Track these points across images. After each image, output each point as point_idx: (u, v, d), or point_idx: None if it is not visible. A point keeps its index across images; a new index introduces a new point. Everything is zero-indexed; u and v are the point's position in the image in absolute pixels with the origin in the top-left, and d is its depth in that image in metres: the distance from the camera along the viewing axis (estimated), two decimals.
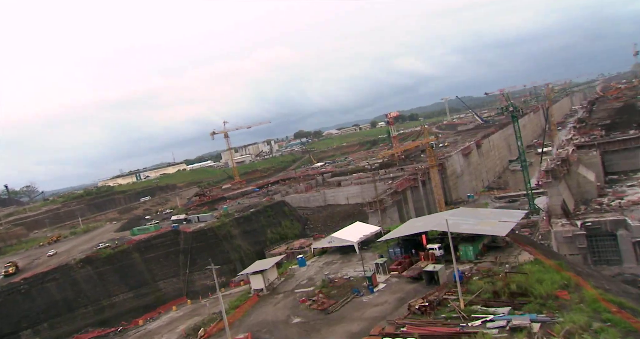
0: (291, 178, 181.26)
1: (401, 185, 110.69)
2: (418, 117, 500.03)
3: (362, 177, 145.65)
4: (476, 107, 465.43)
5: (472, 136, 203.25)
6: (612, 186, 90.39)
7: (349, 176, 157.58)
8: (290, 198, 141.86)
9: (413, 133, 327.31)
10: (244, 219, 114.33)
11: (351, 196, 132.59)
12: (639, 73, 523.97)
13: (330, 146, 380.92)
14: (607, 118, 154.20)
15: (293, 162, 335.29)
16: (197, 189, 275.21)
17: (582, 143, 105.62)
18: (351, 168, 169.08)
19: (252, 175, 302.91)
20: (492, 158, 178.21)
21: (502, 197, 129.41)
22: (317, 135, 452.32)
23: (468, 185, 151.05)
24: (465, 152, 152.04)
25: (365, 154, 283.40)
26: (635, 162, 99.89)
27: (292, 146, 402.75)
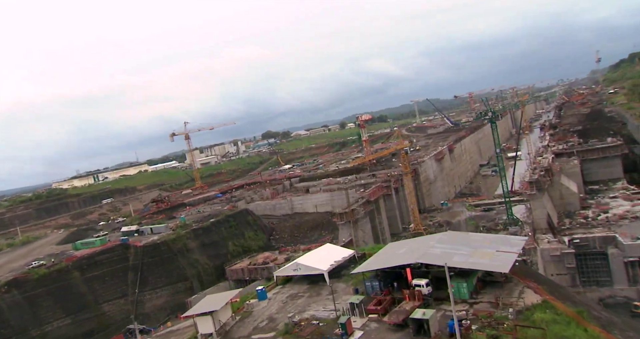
0: (257, 182, 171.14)
1: (374, 194, 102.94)
2: (387, 118, 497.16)
3: (332, 183, 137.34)
4: (444, 110, 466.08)
5: (443, 140, 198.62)
6: (594, 198, 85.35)
7: (318, 181, 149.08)
8: (255, 205, 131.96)
9: (382, 135, 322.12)
10: (202, 230, 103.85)
11: (320, 204, 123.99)
12: (597, 79, 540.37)
13: (299, 147, 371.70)
14: (578, 124, 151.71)
15: (260, 164, 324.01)
16: (158, 192, 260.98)
17: (560, 150, 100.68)
18: (320, 173, 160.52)
19: (217, 177, 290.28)
20: (464, 163, 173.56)
21: (477, 205, 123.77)
22: (286, 135, 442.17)
23: (441, 191, 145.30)
24: (438, 157, 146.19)
25: (335, 156, 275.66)
26: (613, 171, 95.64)
27: (259, 147, 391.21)
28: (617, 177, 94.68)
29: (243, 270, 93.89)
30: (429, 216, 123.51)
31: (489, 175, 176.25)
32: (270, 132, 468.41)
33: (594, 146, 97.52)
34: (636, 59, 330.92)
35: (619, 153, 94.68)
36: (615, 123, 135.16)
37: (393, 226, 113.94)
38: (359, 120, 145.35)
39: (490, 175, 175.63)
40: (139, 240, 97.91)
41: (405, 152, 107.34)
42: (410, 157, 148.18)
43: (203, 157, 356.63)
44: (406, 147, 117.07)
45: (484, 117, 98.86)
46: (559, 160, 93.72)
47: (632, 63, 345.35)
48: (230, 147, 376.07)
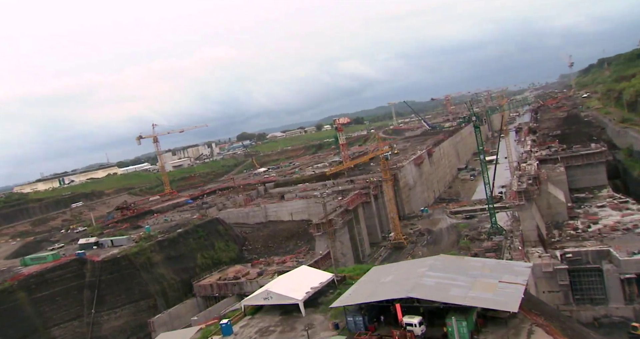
0: (230, 187, 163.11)
1: (352, 202, 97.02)
2: (363, 120, 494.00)
3: (308, 189, 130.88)
4: (420, 112, 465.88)
5: (421, 143, 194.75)
6: (581, 207, 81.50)
7: (294, 187, 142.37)
8: (227, 213, 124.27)
9: (359, 137, 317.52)
10: (168, 242, 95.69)
11: (296, 211, 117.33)
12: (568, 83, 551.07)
13: (275, 149, 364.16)
14: (556, 128, 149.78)
15: (235, 166, 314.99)
16: (127, 197, 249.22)
17: (544, 157, 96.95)
18: (296, 178, 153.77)
19: (190, 181, 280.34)
20: (442, 167, 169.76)
21: (458, 212, 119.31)
22: (261, 137, 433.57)
23: (420, 197, 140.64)
24: (418, 162, 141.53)
25: (311, 159, 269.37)
26: (597, 178, 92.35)
27: (234, 149, 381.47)
28: (602, 184, 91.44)
29: (212, 285, 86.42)
30: (409, 223, 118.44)
31: (468, 179, 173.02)
32: (246, 133, 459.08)
33: (578, 152, 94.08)
34: (605, 64, 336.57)
35: (603, 160, 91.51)
36: (594, 128, 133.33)
37: (372, 235, 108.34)
38: (337, 124, 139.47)
39: (469, 179, 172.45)
40: (98, 253, 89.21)
41: (385, 158, 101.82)
42: (389, 162, 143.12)
43: (176, 159, 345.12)
44: (386, 152, 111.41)
45: (468, 122, 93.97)
46: (544, 167, 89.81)
47: (601, 69, 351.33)
48: (204, 149, 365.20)
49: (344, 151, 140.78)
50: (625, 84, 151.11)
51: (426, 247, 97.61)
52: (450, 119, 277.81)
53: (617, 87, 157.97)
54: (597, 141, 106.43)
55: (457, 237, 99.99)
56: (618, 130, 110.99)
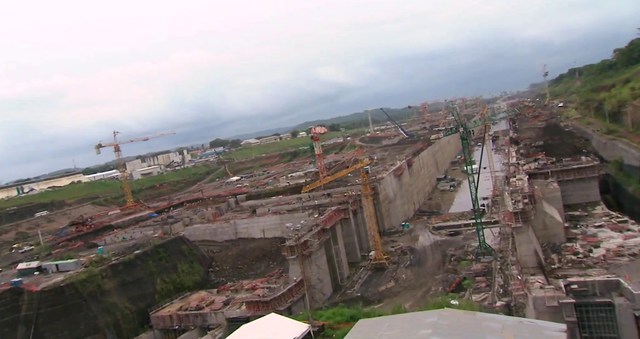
0: (198, 199, 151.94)
1: (330, 220, 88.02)
2: (339, 127, 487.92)
3: (282, 203, 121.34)
4: (396, 119, 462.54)
5: (400, 152, 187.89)
6: (577, 226, 74.68)
7: (267, 200, 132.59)
8: (193, 229, 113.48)
9: (335, 145, 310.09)
10: (124, 266, 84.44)
11: (268, 228, 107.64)
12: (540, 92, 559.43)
13: (249, 157, 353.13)
14: (537, 138, 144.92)
15: (207, 174, 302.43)
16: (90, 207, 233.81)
17: (534, 171, 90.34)
18: (269, 190, 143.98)
19: (159, 189, 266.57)
20: (422, 178, 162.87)
21: (441, 227, 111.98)
22: (235, 144, 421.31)
23: (400, 210, 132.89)
24: (398, 173, 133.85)
25: (286, 167, 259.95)
26: (590, 194, 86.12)
27: (207, 156, 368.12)
28: (594, 200, 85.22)
29: (172, 316, 75.79)
30: (390, 240, 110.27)
31: (447, 190, 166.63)
32: (219, 140, 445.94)
33: (569, 166, 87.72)
34: (576, 74, 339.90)
35: (596, 175, 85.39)
36: (577, 139, 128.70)
37: (351, 254, 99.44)
38: (313, 133, 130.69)
39: (449, 190, 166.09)
40: (38, 281, 77.28)
41: (365, 172, 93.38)
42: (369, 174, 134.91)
43: (145, 166, 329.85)
44: (367, 165, 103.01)
45: (455, 132, 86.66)
46: (536, 182, 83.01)
47: (573, 78, 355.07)
48: (175, 156, 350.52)
49: (320, 162, 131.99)
50: (605, 94, 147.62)
51: (410, 269, 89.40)
52: (427, 127, 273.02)
53: (597, 97, 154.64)
54: (584, 153, 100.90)
55: (443, 257, 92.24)
56: (605, 142, 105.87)
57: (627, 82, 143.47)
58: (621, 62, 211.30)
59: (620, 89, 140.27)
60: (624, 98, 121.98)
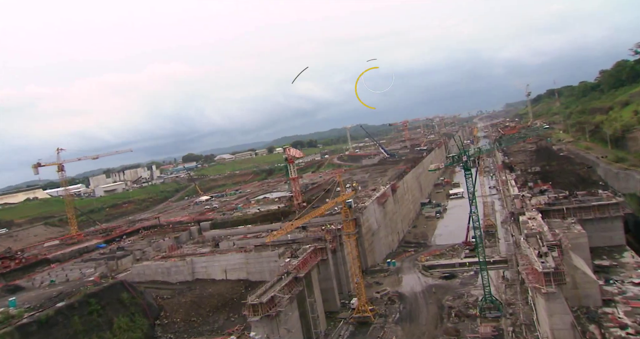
0: (156, 226, 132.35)
1: (304, 265, 70.83)
2: (317, 143, 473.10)
3: (248, 236, 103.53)
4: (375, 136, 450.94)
5: (381, 173, 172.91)
6: (610, 282, 59.66)
7: (233, 230, 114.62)
8: (142, 268, 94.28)
9: (313, 163, 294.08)
10: (39, 326, 64.91)
11: (231, 268, 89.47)
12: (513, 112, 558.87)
13: (222, 173, 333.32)
14: (531, 163, 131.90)
15: (176, 192, 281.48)
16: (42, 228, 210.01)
17: (545, 206, 75.57)
18: (236, 217, 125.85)
19: (123, 208, 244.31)
20: (406, 204, 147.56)
21: (432, 267, 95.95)
22: (209, 159, 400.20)
23: (384, 242, 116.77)
24: (382, 201, 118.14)
25: (260, 186, 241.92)
26: (614, 237, 71.87)
27: (178, 171, 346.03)
28: (619, 244, 70.99)
29: None
30: (374, 282, 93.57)
31: (433, 217, 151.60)
32: (192, 154, 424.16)
33: (588, 203, 73.34)
34: (556, 95, 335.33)
35: (621, 214, 71.31)
36: (579, 166, 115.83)
37: (329, 301, 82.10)
38: (287, 154, 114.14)
39: (435, 217, 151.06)
40: None
41: (348, 206, 76.90)
42: None
43: (110, 182, 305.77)
44: (350, 197, 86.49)
45: (458, 162, 71.28)
46: (552, 223, 68.13)
47: (552, 99, 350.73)
48: (143, 171, 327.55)
49: (295, 187, 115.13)
50: (601, 117, 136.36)
51: (400, 325, 72.64)
52: (408, 146, 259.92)
53: (592, 119, 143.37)
54: (599, 185, 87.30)
55: (439, 309, 75.95)
56: (617, 171, 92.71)
57: (626, 104, 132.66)
58: (608, 83, 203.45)
59: (620, 112, 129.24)
60: (629, 123, 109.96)
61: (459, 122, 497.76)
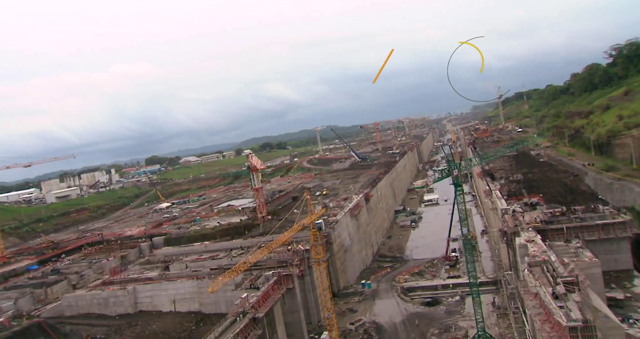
0: (101, 242, 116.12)
1: (265, 301, 57.96)
2: (286, 145, 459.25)
3: (203, 258, 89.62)
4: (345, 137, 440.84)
5: (353, 179, 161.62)
6: (629, 321, 49.52)
7: (189, 247, 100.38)
8: (74, 298, 78.88)
9: (281, 166, 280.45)
10: None
11: (181, 298, 75.48)
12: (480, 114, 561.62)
13: (187, 177, 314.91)
14: (512, 170, 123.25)
15: (136, 197, 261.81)
16: None
17: (543, 225, 65.35)
18: (193, 232, 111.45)
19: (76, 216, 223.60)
20: (380, 213, 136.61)
21: (412, 289, 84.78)
22: (173, 162, 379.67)
23: (358, 258, 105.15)
24: (355, 212, 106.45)
25: (225, 191, 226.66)
26: (619, 260, 62.41)
27: (140, 175, 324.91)
28: (626, 268, 61.56)
29: None
30: (347, 308, 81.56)
31: (408, 226, 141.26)
32: (156, 157, 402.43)
33: (591, 221, 63.57)
34: (524, 98, 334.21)
35: (629, 235, 61.91)
36: (563, 174, 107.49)
37: (296, 337, 69.52)
38: (250, 163, 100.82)
39: (410, 227, 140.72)
40: None
41: (318, 228, 64.41)
42: None
43: (64, 187, 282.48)
44: (320, 217, 73.55)
45: (448, 176, 60.09)
46: (556, 247, 57.79)
47: (520, 101, 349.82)
48: (101, 175, 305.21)
49: (259, 198, 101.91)
50: (581, 122, 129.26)
51: None
52: (379, 149, 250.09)
53: (571, 124, 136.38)
54: (598, 200, 78.24)
55: None
56: (610, 182, 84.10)
57: (606, 108, 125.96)
58: (579, 87, 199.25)
59: (601, 116, 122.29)
60: (615, 128, 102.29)
61: (428, 123, 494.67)
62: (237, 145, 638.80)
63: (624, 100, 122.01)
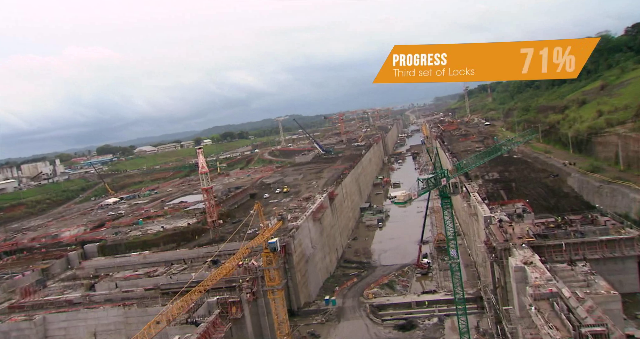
0: (23, 250, 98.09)
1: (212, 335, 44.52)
2: (248, 134, 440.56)
3: (139, 274, 74.47)
4: (308, 127, 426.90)
5: (317, 174, 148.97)
6: None
7: (124, 258, 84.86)
8: None
9: (242, 158, 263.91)
10: None
11: (104, 330, 60.65)
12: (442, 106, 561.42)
13: (141, 168, 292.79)
14: (486, 168, 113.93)
15: (82, 191, 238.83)
16: None
17: (538, 241, 54.84)
18: (133, 237, 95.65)
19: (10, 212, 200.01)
20: (345, 212, 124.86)
21: (383, 307, 73.37)
22: (127, 152, 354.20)
23: (321, 266, 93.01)
24: (318, 216, 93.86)
25: (179, 185, 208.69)
26: (624, 281, 52.78)
27: (90, 165, 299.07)
28: (632, 292, 52.16)
29: None
30: (308, 332, 69.05)
31: (375, 226, 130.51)
32: (109, 146, 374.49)
33: (594, 237, 53.57)
34: (488, 90, 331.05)
35: (637, 253, 52.46)
36: (542, 173, 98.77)
37: None
38: (196, 162, 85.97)
39: (377, 226, 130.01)
40: None
41: (271, 249, 51.11)
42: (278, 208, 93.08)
43: (1, 178, 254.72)
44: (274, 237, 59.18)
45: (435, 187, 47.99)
46: (561, 273, 47.41)
47: (483, 94, 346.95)
48: (44, 166, 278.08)
49: (209, 200, 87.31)
50: (556, 117, 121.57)
51: None
52: (344, 141, 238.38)
53: (544, 119, 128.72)
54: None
55: None
56: (598, 185, 75.24)
57: (582, 103, 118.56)
58: (545, 80, 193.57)
59: (578, 112, 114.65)
60: (597, 125, 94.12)
61: (392, 114, 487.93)
62: (199, 134, 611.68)
63: (601, 94, 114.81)
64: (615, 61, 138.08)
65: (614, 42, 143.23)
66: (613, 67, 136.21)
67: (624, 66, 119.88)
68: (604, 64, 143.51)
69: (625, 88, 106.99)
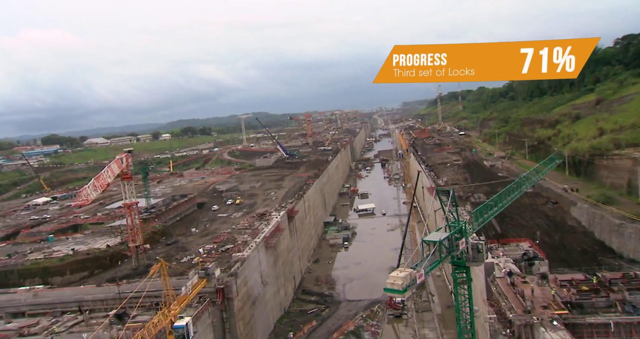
0: None
1: None
2: (211, 131, 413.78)
3: (10, 328, 52.64)
4: (274, 126, 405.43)
5: (276, 182, 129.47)
6: None
7: (10, 294, 62.44)
8: None
9: (199, 157, 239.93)
10: None
11: None
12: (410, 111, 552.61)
13: (89, 161, 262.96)
14: (470, 187, 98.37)
15: (14, 186, 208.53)
16: None
17: (575, 316, 37.95)
18: (32, 263, 72.83)
19: None
20: (307, 229, 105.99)
21: None
22: (75, 143, 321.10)
23: (273, 303, 73.71)
24: (271, 242, 74.37)
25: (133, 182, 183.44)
26: None
27: (30, 156, 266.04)
28: None
29: None
30: None
31: (340, 245, 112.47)
32: (56, 136, 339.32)
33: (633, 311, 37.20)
34: (459, 98, 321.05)
35: None
36: (537, 198, 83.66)
37: None
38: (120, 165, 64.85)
39: (342, 245, 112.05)
40: None
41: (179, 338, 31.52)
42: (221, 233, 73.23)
43: None
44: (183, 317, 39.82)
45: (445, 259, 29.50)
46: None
47: (453, 102, 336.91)
48: None
49: (132, 219, 66.42)
50: (547, 132, 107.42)
51: None
52: (310, 144, 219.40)
53: (531, 134, 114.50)
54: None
55: None
56: (619, 223, 59.98)
57: (577, 118, 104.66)
58: (523, 91, 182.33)
59: (572, 127, 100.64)
60: (602, 145, 79.58)
61: (360, 117, 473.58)
62: (164, 127, 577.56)
63: (597, 109, 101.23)
64: (604, 74, 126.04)
65: (601, 54, 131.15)
66: (602, 80, 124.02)
67: (622, 80, 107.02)
68: (590, 77, 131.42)
69: (628, 104, 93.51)
